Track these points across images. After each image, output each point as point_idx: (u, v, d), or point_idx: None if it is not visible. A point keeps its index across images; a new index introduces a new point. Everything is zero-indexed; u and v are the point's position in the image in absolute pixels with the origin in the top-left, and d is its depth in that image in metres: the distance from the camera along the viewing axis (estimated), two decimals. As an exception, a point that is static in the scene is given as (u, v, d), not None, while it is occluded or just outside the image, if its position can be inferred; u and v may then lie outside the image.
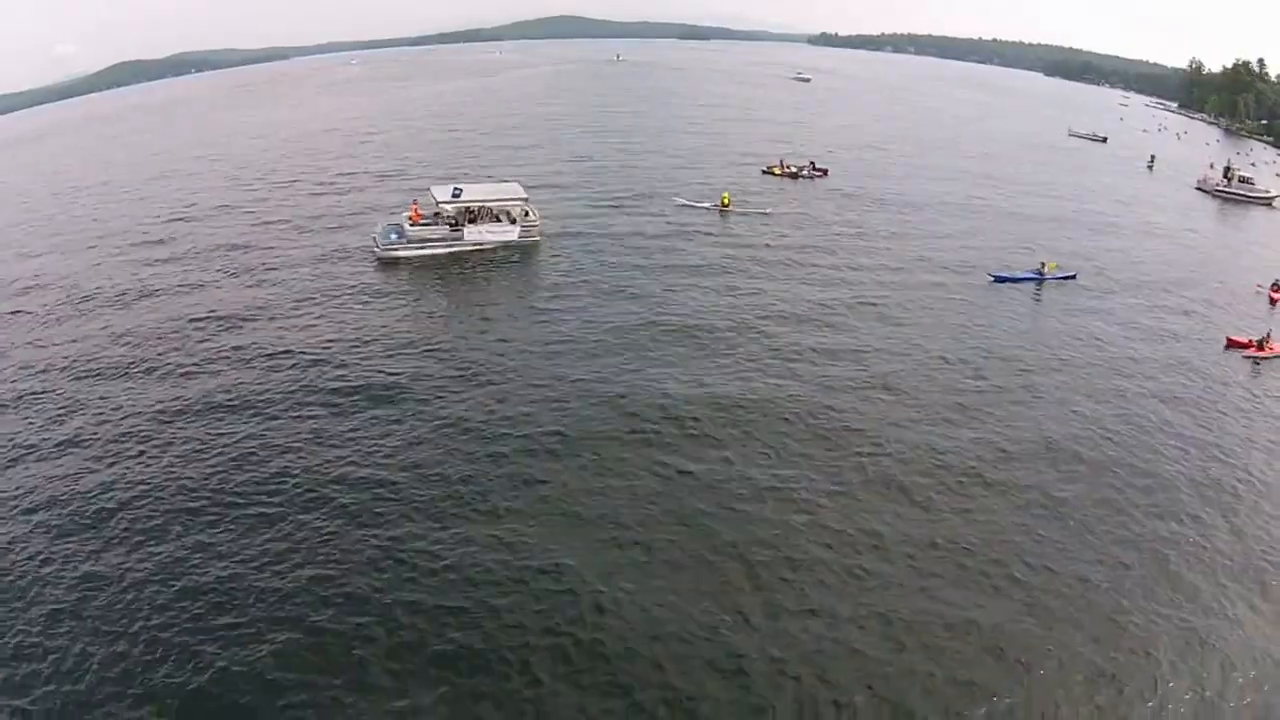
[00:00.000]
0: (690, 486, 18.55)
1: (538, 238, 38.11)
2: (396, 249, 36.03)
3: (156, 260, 36.64)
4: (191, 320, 28.62)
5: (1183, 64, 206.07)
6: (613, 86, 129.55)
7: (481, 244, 37.13)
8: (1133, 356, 28.41)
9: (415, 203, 37.98)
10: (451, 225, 36.98)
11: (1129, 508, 19.68)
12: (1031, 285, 35.72)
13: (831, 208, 47.97)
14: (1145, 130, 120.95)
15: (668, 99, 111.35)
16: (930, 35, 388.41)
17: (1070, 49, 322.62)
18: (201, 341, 26.77)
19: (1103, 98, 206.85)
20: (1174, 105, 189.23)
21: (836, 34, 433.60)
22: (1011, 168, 68.77)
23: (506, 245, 37.37)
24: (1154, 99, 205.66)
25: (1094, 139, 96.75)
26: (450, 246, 36.75)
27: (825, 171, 57.69)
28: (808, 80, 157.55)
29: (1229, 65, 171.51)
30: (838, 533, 17.35)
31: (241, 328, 27.70)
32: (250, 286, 32.29)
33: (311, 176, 54.79)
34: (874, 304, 31.56)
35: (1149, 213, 54.80)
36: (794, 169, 57.17)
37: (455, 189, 37.27)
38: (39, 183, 63.34)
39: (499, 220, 37.95)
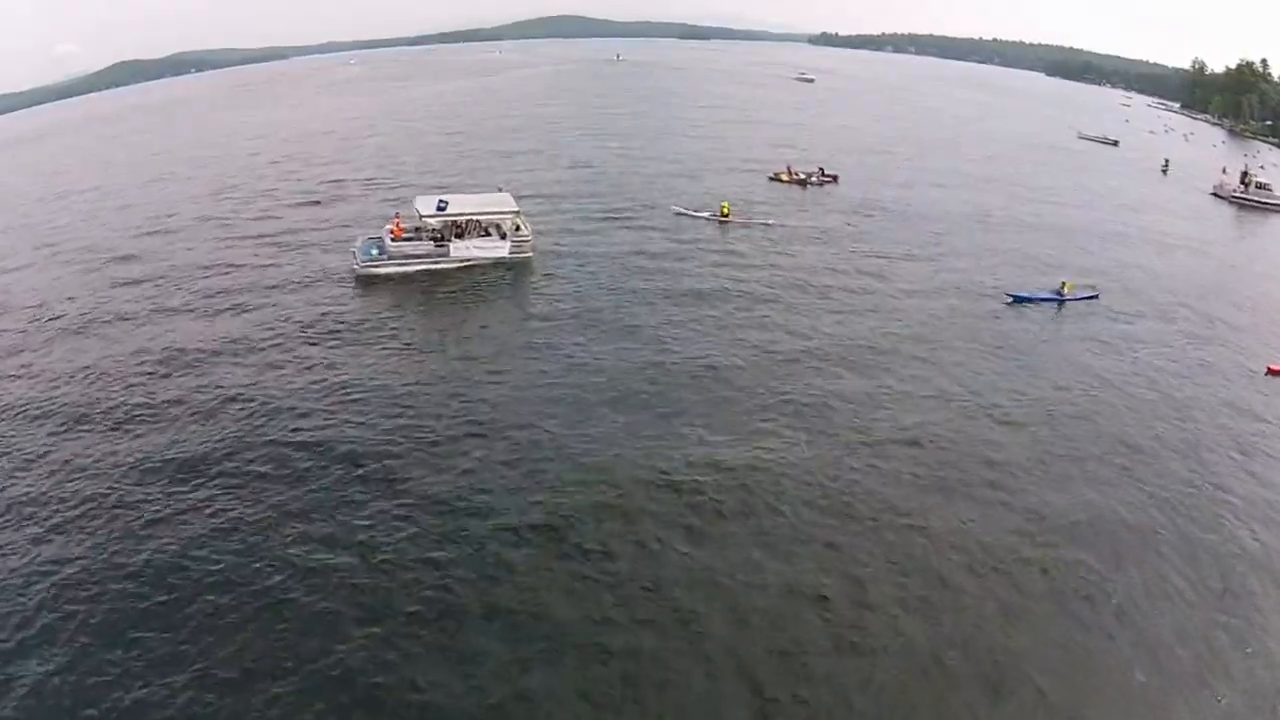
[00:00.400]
0: (687, 574, 15.97)
1: (529, 254, 35.52)
2: (377, 266, 33.54)
3: (129, 280, 34.10)
4: (152, 355, 26.03)
5: (1182, 64, 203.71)
6: (613, 87, 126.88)
7: (469, 260, 34.64)
8: (1168, 393, 25.85)
9: (397, 215, 35.46)
10: (436, 240, 34.44)
11: (1172, 574, 17.36)
12: (1052, 307, 33.27)
13: (840, 219, 45.34)
14: (1152, 132, 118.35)
15: (668, 100, 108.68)
16: (931, 35, 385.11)
17: (1070, 49, 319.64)
18: (160, 379, 24.23)
19: (1104, 98, 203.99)
20: (1176, 106, 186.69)
21: (837, 34, 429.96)
22: (1017, 169, 66.31)
23: (496, 262, 34.94)
24: (1156, 99, 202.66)
25: (1104, 142, 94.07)
26: (435, 263, 34.20)
27: (835, 178, 54.83)
28: (811, 81, 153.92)
29: (1232, 66, 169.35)
30: (855, 628, 14.86)
31: (202, 365, 25.11)
32: (218, 314, 29.73)
33: (298, 185, 52.22)
34: (892, 335, 28.84)
35: (1166, 221, 52.27)
36: (802, 176, 54.25)
37: (440, 201, 34.59)
38: (34, 185, 60.91)
39: (488, 234, 35.44)
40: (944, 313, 31.52)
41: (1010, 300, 33.19)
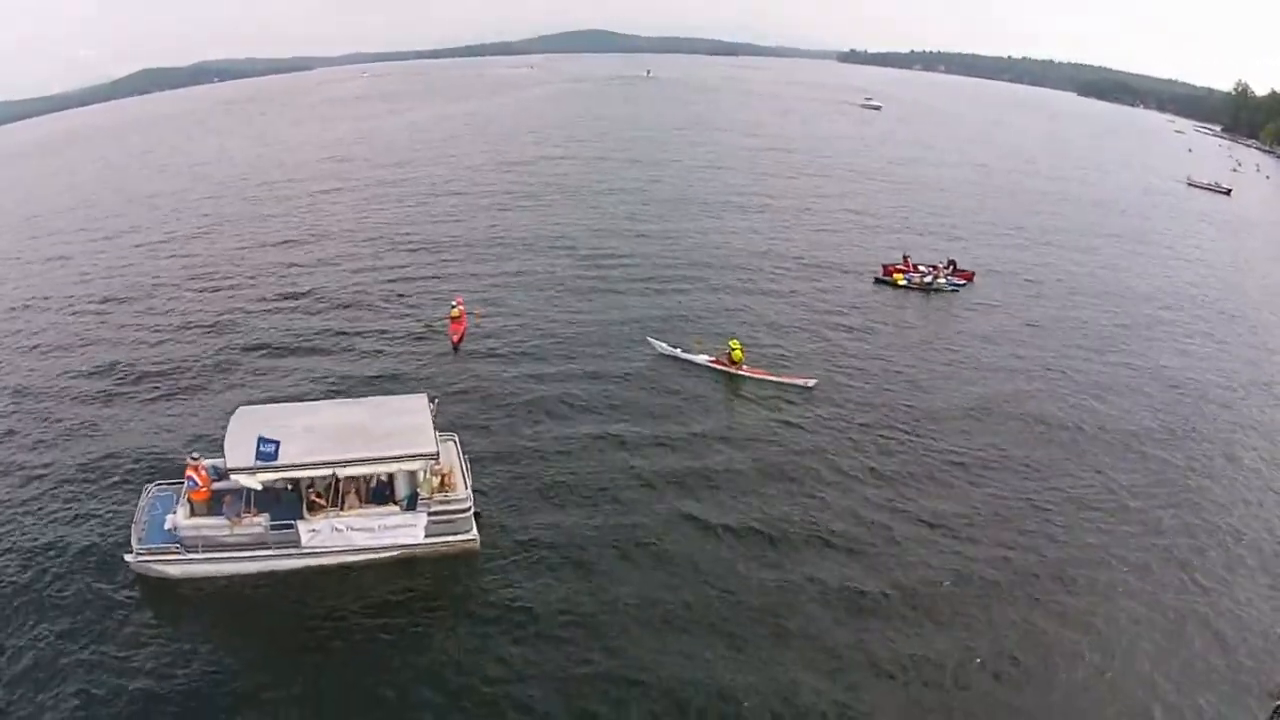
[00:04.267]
0: None
1: (471, 536, 15.83)
2: (163, 560, 14.79)
3: None
4: None
5: (1209, 81, 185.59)
6: (636, 118, 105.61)
7: (340, 554, 15.47)
8: None
9: (193, 461, 15.58)
10: (274, 515, 15.34)
11: None
12: None
13: (995, 379, 25.07)
14: (1234, 170, 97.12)
15: (705, 139, 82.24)
16: (959, 53, 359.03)
17: (1099, 68, 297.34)
18: None
19: (1150, 122, 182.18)
20: (1217, 129, 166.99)
21: (866, 51, 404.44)
22: (1194, 263, 44.65)
23: (403, 554, 15.70)
24: (1197, 123, 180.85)
25: (1216, 190, 72.98)
26: (273, 560, 15.15)
27: (970, 276, 34.95)
28: (878, 108, 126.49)
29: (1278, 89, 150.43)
30: None
31: None
32: None
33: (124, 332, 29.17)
34: None
35: None
36: (926, 273, 34.01)
37: (263, 441, 14.41)
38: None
39: (381, 499, 15.99)
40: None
41: None
